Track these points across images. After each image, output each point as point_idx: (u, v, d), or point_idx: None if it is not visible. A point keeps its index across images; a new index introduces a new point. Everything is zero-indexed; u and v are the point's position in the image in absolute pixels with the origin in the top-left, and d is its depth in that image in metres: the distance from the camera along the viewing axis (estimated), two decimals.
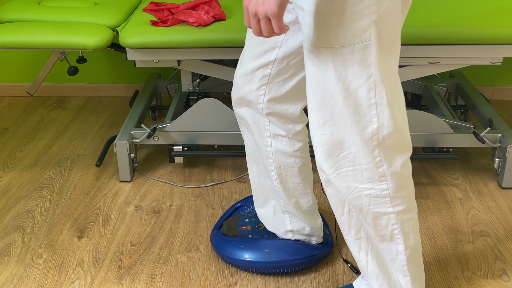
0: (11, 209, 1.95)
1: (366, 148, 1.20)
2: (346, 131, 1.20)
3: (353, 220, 1.32)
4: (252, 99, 1.43)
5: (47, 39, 1.83)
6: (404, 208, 1.27)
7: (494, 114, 2.15)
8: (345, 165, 1.23)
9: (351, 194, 1.26)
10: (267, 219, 1.65)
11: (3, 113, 2.70)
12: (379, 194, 1.25)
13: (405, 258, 1.32)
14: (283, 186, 1.54)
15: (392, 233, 1.29)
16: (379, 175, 1.23)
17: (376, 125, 1.19)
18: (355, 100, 1.17)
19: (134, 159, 2.13)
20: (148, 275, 1.64)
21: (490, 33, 1.82)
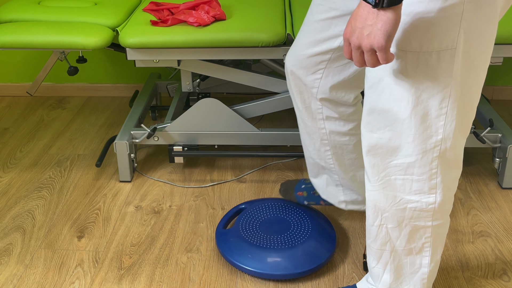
0: (11, 209, 1.95)
1: (425, 158, 1.14)
2: (407, 140, 1.13)
3: (382, 234, 1.27)
4: (307, 82, 1.42)
5: (47, 39, 1.83)
6: (441, 222, 1.23)
7: (494, 114, 2.15)
8: (395, 173, 1.17)
9: (395, 205, 1.20)
10: (321, 189, 1.69)
11: (3, 113, 2.70)
12: (424, 208, 1.19)
13: (427, 271, 1.28)
14: (339, 163, 1.55)
15: (422, 246, 1.25)
16: (430, 188, 1.17)
17: (441, 136, 1.12)
18: (425, 108, 1.10)
19: (134, 159, 2.13)
20: (148, 275, 1.64)
21: None
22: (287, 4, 2.15)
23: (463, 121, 1.14)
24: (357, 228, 1.83)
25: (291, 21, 1.99)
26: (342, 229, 1.82)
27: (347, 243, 1.76)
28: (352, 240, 1.77)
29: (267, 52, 1.88)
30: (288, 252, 1.62)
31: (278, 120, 2.51)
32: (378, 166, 1.18)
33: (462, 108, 1.12)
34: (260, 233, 1.69)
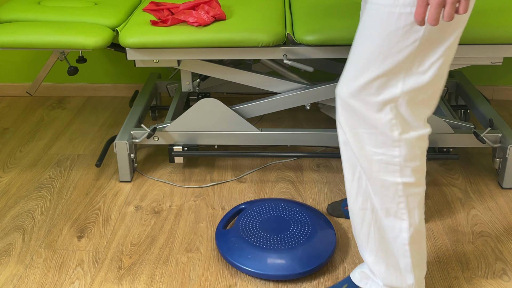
0: (11, 209, 1.95)
1: (385, 109, 1.21)
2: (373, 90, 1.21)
3: (362, 188, 1.32)
4: None
5: (47, 39, 1.83)
6: (413, 181, 1.27)
7: (494, 114, 2.15)
8: (363, 126, 1.25)
9: (363, 156, 1.27)
10: None
11: (3, 113, 2.70)
12: (390, 161, 1.25)
13: (408, 236, 1.31)
14: None
15: (398, 206, 1.29)
16: (393, 140, 1.23)
17: (400, 90, 1.20)
18: (394, 61, 1.17)
19: (134, 159, 2.13)
20: (148, 275, 1.64)
21: (490, 33, 1.82)
22: (287, 4, 2.15)
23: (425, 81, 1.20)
24: None
25: (291, 21, 1.99)
26: (342, 229, 1.82)
27: (347, 243, 1.76)
28: (352, 240, 1.77)
29: (267, 52, 1.88)
30: (288, 253, 1.62)
31: (278, 120, 2.51)
32: (348, 119, 1.26)
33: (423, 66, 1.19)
34: (260, 233, 1.69)
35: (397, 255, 1.34)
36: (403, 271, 1.35)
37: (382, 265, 1.37)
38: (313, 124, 2.50)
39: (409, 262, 1.33)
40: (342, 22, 1.88)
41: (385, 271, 1.37)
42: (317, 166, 2.19)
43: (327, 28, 1.85)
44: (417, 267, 1.35)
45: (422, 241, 1.35)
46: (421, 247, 1.35)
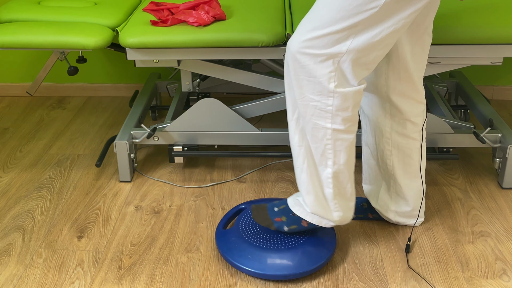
0: (11, 209, 1.95)
1: (327, 62, 1.36)
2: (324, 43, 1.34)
3: (299, 127, 1.49)
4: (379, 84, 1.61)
5: (47, 39, 1.83)
6: (342, 128, 1.44)
7: (494, 114, 2.15)
8: (304, 73, 1.39)
9: (301, 100, 1.43)
10: (373, 197, 1.79)
11: (3, 113, 2.70)
12: (323, 108, 1.41)
13: (331, 172, 1.50)
14: (395, 167, 1.68)
15: (325, 147, 1.46)
16: (328, 91, 1.39)
17: (347, 47, 1.34)
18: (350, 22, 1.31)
19: (134, 159, 2.13)
20: (148, 275, 1.64)
21: (490, 33, 1.82)
22: (287, 4, 2.15)
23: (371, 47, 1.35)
24: (357, 228, 1.83)
25: (291, 21, 1.99)
26: (342, 229, 1.82)
27: (347, 243, 1.76)
28: (352, 240, 1.77)
29: (267, 52, 1.88)
30: (288, 253, 1.62)
31: (278, 120, 2.51)
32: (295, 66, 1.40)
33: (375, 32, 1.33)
34: (260, 233, 1.69)
35: (322, 186, 1.53)
36: (328, 200, 1.55)
37: (312, 195, 1.54)
38: None
39: (331, 192, 1.53)
40: None
41: (314, 201, 1.55)
42: None
43: None
44: (339, 196, 1.55)
45: (347, 178, 1.53)
46: (344, 183, 1.54)
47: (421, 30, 1.51)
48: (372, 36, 1.34)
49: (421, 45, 1.54)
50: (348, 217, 1.61)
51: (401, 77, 1.56)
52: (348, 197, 1.58)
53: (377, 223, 1.84)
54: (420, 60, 1.57)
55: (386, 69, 1.56)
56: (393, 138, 1.65)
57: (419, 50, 1.54)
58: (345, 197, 1.57)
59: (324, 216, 1.58)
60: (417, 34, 1.51)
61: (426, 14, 1.49)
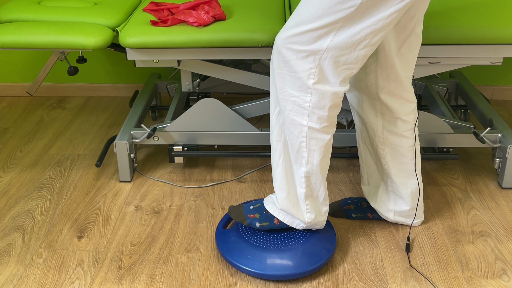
0: (11, 209, 1.95)
1: (309, 58, 1.39)
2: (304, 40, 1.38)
3: (279, 123, 1.53)
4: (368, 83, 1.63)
5: (47, 39, 1.83)
6: (317, 127, 1.47)
7: (494, 114, 2.15)
8: (286, 68, 1.43)
9: (282, 95, 1.47)
10: (372, 197, 1.80)
11: (3, 113, 2.70)
12: (301, 104, 1.45)
13: (305, 171, 1.53)
14: (391, 166, 1.69)
15: (300, 144, 1.49)
16: (307, 87, 1.42)
17: (327, 44, 1.37)
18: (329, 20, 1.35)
19: (134, 159, 2.13)
20: (148, 275, 1.64)
21: (490, 33, 1.82)
22: (287, 4, 2.15)
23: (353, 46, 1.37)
24: (357, 228, 1.83)
25: None
26: (342, 229, 1.82)
27: (347, 243, 1.76)
28: (352, 240, 1.77)
29: (267, 52, 1.88)
30: (288, 253, 1.62)
31: None
32: (279, 60, 1.44)
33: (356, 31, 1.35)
34: (260, 233, 1.69)
35: (295, 184, 1.56)
36: (300, 200, 1.58)
37: (284, 192, 1.58)
38: None
39: (303, 192, 1.56)
40: None
41: (285, 198, 1.58)
42: None
43: None
44: (311, 198, 1.58)
45: (318, 181, 1.56)
46: (317, 185, 1.56)
47: (407, 31, 1.52)
48: (352, 34, 1.37)
49: (408, 45, 1.54)
50: (320, 221, 1.63)
51: (389, 76, 1.57)
52: (321, 201, 1.61)
53: (377, 223, 1.84)
54: (408, 61, 1.57)
55: (375, 68, 1.57)
56: (385, 137, 1.67)
57: (406, 51, 1.55)
58: (317, 201, 1.61)
59: (295, 215, 1.61)
60: (403, 34, 1.52)
61: (413, 16, 1.49)
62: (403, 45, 1.54)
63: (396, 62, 1.55)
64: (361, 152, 1.79)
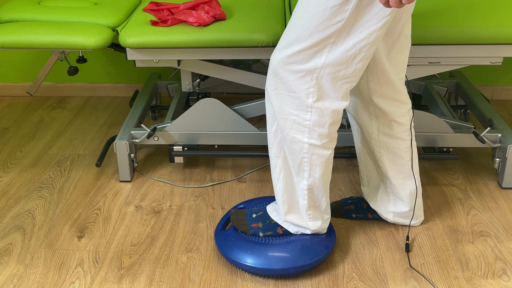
0: (11, 209, 1.95)
1: (306, 77, 1.40)
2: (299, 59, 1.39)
3: (277, 140, 1.54)
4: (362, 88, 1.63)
5: (47, 39, 1.83)
6: (318, 144, 1.48)
7: (494, 114, 2.15)
8: (284, 88, 1.44)
9: (280, 114, 1.47)
10: (371, 198, 1.81)
11: (3, 113, 2.70)
12: (301, 123, 1.46)
13: (307, 184, 1.54)
14: (388, 168, 1.70)
15: (301, 160, 1.51)
16: (306, 106, 1.43)
17: (323, 61, 1.37)
18: (320, 36, 1.35)
19: (134, 159, 2.13)
20: (148, 275, 1.64)
21: (490, 33, 1.82)
22: (287, 4, 2.15)
23: (349, 60, 1.37)
24: (357, 228, 1.83)
25: None
26: (342, 229, 1.82)
27: (347, 243, 1.76)
28: (352, 240, 1.77)
29: (267, 52, 1.88)
30: (287, 248, 1.61)
31: None
32: (271, 80, 1.45)
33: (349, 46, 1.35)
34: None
35: (297, 196, 1.58)
36: (302, 211, 1.60)
37: (286, 205, 1.60)
38: None
39: (305, 203, 1.58)
40: None
41: (288, 210, 1.61)
42: None
43: None
44: (313, 208, 1.59)
45: (320, 192, 1.57)
46: (319, 196, 1.58)
47: (396, 34, 1.51)
48: (346, 49, 1.36)
49: (398, 48, 1.54)
50: (324, 228, 1.65)
51: (380, 80, 1.56)
52: (323, 210, 1.62)
53: (377, 223, 1.84)
54: (398, 63, 1.57)
55: (365, 73, 1.57)
56: (381, 140, 1.67)
57: (397, 53, 1.54)
58: (319, 210, 1.62)
59: (300, 224, 1.63)
60: (392, 37, 1.51)
61: (400, 18, 1.48)
62: (392, 48, 1.53)
63: (386, 65, 1.54)
64: (360, 154, 1.79)
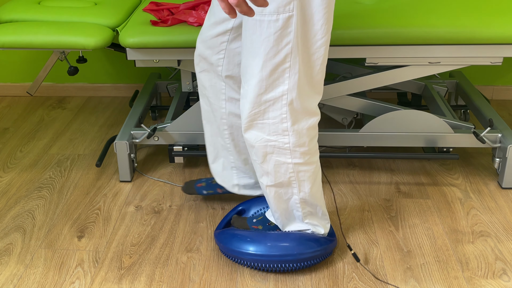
0: (11, 209, 1.95)
1: (276, 105, 1.40)
2: (260, 91, 1.39)
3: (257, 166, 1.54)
4: (213, 61, 1.61)
5: (47, 39, 1.83)
6: (301, 161, 1.50)
7: (494, 114, 2.15)
8: (257, 118, 1.44)
9: (258, 142, 1.47)
10: (217, 173, 1.85)
11: (3, 113, 2.70)
12: (281, 146, 1.47)
13: (298, 198, 1.56)
14: (234, 144, 1.75)
15: (289, 179, 1.52)
16: (283, 130, 1.44)
17: (286, 87, 1.38)
18: (273, 63, 1.35)
19: (134, 159, 2.13)
20: (148, 275, 1.65)
21: (490, 33, 1.82)
22: None
23: (309, 76, 1.40)
24: (357, 228, 1.83)
25: None
26: (342, 229, 1.82)
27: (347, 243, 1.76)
28: (352, 240, 1.78)
29: None
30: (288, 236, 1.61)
31: None
32: (246, 113, 1.45)
33: (304, 65, 1.37)
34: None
35: (291, 209, 1.60)
36: (298, 221, 1.62)
37: (280, 221, 1.63)
38: None
39: (300, 214, 1.60)
40: (342, 22, 1.88)
41: (285, 224, 1.64)
42: None
43: None
44: (310, 216, 1.61)
45: (314, 201, 1.58)
46: (312, 205, 1.59)
47: None
48: (305, 69, 1.38)
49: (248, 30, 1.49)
50: (325, 233, 1.66)
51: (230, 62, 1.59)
52: (320, 216, 1.63)
53: (377, 223, 1.84)
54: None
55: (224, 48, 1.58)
56: (228, 118, 1.70)
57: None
58: (317, 216, 1.63)
59: (299, 229, 1.64)
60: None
61: None
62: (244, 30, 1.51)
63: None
64: (207, 131, 1.80)
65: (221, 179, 1.85)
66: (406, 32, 1.83)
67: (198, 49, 1.63)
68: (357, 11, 1.96)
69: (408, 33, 1.83)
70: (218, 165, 1.84)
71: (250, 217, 1.74)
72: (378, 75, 2.00)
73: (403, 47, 1.87)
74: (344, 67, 2.30)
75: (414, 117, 2.01)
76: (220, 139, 1.77)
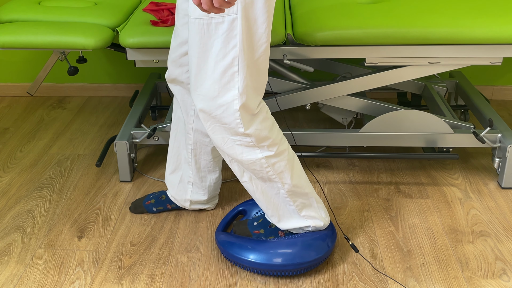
0: (11, 209, 1.95)
1: (229, 110, 1.41)
2: (214, 94, 1.40)
3: (235, 167, 1.56)
4: (183, 79, 1.66)
5: (47, 39, 1.83)
6: (272, 154, 1.50)
7: (494, 114, 2.16)
8: (216, 122, 1.45)
9: (225, 145, 1.48)
10: (172, 185, 1.86)
11: (3, 113, 2.70)
12: (247, 145, 1.48)
13: (285, 192, 1.56)
14: (195, 160, 1.77)
15: (267, 174, 1.52)
16: (242, 133, 1.45)
17: (236, 91, 1.39)
18: (223, 65, 1.37)
19: (134, 159, 2.13)
20: (148, 275, 1.65)
21: (490, 33, 1.82)
22: (287, 4, 2.15)
23: (255, 81, 1.42)
24: (357, 228, 1.83)
25: (291, 21, 1.99)
26: (342, 229, 1.82)
27: (347, 243, 1.76)
28: (352, 240, 1.78)
29: None
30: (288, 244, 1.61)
31: (278, 120, 2.51)
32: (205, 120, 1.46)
33: (251, 67, 1.39)
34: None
35: (283, 205, 1.60)
36: (295, 215, 1.61)
37: (276, 217, 1.63)
38: (313, 124, 2.50)
39: (293, 208, 1.60)
40: (342, 22, 1.88)
41: (281, 221, 1.63)
42: (316, 166, 2.19)
43: (327, 28, 1.85)
44: (305, 207, 1.60)
45: (303, 190, 1.58)
46: (302, 194, 1.59)
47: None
48: (252, 73, 1.40)
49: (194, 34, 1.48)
50: (324, 225, 1.65)
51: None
52: (315, 206, 1.63)
53: (377, 223, 1.85)
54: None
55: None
56: (194, 134, 1.72)
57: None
58: (312, 207, 1.62)
59: (299, 226, 1.63)
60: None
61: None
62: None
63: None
64: (172, 141, 1.82)
65: (174, 191, 1.86)
66: (406, 32, 1.83)
67: (169, 69, 1.67)
68: (357, 11, 1.96)
69: (408, 33, 1.83)
70: (176, 177, 1.84)
71: (250, 220, 1.73)
72: (378, 75, 2.00)
73: (403, 47, 1.87)
74: (344, 67, 2.30)
75: (414, 117, 2.01)
76: (185, 152, 1.79)
